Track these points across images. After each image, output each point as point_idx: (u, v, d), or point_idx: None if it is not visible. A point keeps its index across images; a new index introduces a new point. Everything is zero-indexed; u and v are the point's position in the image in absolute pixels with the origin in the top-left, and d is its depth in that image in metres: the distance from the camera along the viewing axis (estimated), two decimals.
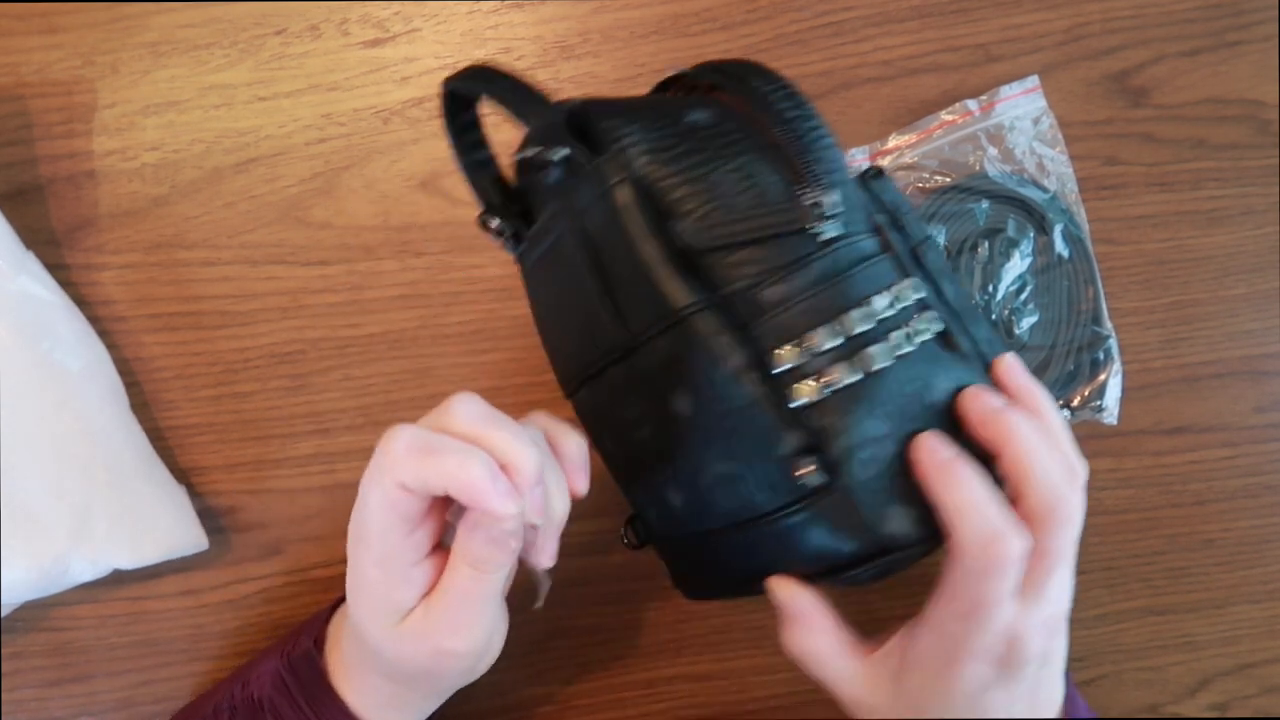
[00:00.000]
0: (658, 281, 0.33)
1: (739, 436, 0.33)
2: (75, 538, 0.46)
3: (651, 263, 0.33)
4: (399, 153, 0.51)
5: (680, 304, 0.33)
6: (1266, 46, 0.52)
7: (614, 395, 0.38)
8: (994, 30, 0.52)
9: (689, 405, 0.34)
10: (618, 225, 0.34)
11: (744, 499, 0.34)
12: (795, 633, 0.36)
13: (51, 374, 0.46)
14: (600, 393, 0.38)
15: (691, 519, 0.37)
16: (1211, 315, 0.51)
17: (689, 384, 0.34)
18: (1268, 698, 0.51)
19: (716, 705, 0.50)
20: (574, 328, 0.39)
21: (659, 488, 0.37)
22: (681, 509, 0.37)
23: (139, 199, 0.51)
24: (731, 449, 0.34)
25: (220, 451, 0.51)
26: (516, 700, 0.50)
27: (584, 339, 0.38)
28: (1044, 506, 0.32)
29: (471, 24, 0.52)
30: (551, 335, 0.42)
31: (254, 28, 0.52)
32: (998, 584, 0.32)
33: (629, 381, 0.36)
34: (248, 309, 0.51)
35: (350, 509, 0.35)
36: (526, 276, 0.42)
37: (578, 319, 0.38)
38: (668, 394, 0.34)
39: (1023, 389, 0.35)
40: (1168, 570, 0.51)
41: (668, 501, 0.37)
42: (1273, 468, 0.51)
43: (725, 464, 0.34)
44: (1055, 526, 0.32)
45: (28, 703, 0.50)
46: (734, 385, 0.33)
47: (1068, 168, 0.50)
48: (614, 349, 0.36)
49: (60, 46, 0.51)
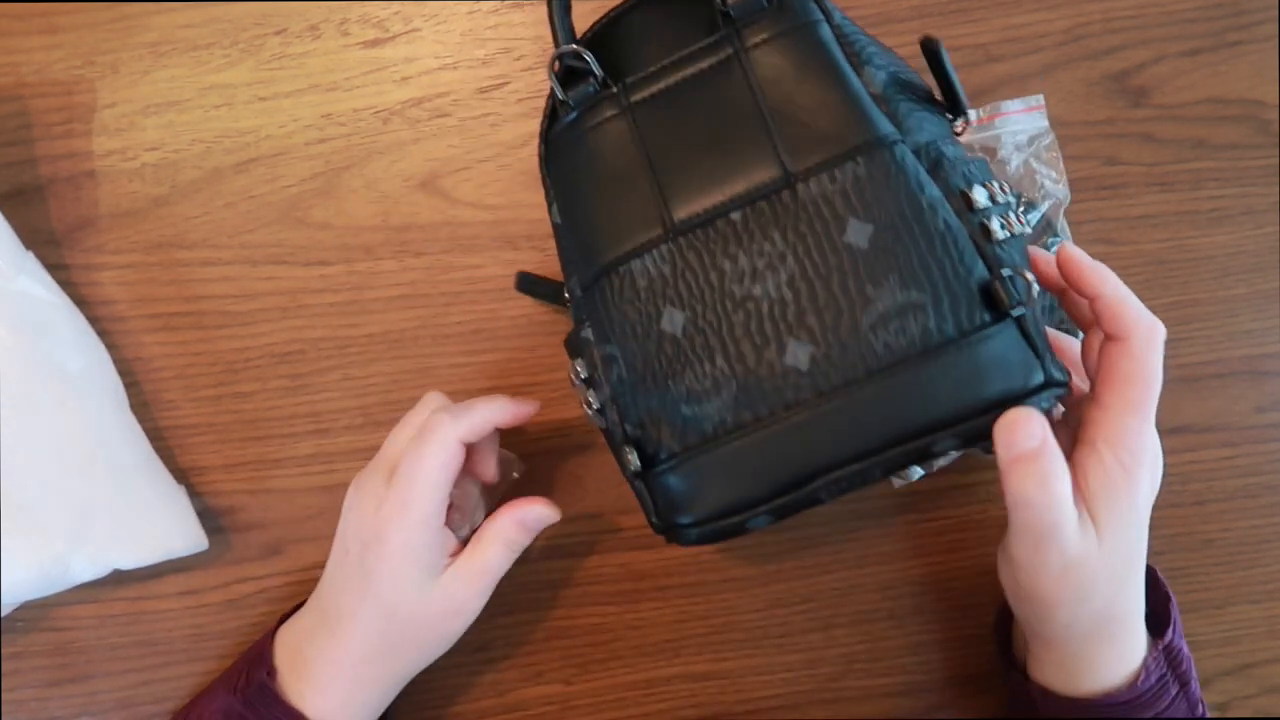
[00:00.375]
0: (863, 110, 0.37)
1: (931, 263, 0.35)
2: (75, 538, 0.46)
3: (858, 95, 0.37)
4: (399, 153, 0.51)
5: (885, 132, 0.36)
6: (1266, 46, 0.52)
7: (728, 244, 0.37)
8: (994, 30, 0.52)
9: (866, 236, 0.35)
10: (819, 59, 0.37)
11: (924, 328, 0.35)
12: (1041, 465, 0.34)
13: (51, 374, 0.46)
14: (695, 247, 0.38)
15: (822, 374, 0.36)
16: (1211, 315, 0.51)
17: (873, 213, 0.36)
18: (1268, 698, 0.51)
19: (715, 705, 0.50)
20: (688, 169, 0.39)
21: (774, 340, 0.36)
22: (811, 361, 0.36)
23: (139, 199, 0.51)
24: (918, 277, 0.35)
25: (220, 451, 0.51)
26: (516, 700, 0.50)
27: (701, 181, 0.38)
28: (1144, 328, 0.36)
29: (471, 24, 0.52)
30: (617, 192, 0.40)
31: (254, 28, 0.52)
32: (1160, 360, 0.36)
33: (761, 225, 0.37)
34: (248, 309, 0.51)
35: None
36: (593, 131, 0.40)
37: (701, 159, 0.38)
38: (834, 227, 0.36)
39: (1085, 266, 0.38)
40: (1168, 570, 0.50)
41: (781, 360, 0.36)
42: (1273, 468, 0.51)
43: (908, 293, 0.35)
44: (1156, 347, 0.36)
45: (28, 703, 0.50)
46: (936, 212, 0.35)
47: (1064, 189, 0.50)
48: (758, 188, 0.37)
49: (60, 46, 0.51)
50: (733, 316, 0.37)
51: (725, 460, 0.37)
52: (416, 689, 0.50)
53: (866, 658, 0.50)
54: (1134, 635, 0.39)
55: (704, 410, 0.37)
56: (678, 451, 0.38)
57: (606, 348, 0.39)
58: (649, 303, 0.38)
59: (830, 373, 0.36)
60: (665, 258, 0.38)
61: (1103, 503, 0.35)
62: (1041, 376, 0.35)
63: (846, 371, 0.36)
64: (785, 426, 0.36)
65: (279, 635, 0.44)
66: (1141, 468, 0.36)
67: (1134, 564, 0.38)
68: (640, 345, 0.38)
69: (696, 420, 0.37)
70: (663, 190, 0.39)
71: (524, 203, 0.51)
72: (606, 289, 0.39)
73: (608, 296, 0.39)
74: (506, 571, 0.43)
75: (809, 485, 0.36)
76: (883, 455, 0.35)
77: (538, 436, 0.51)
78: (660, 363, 0.38)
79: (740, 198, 0.38)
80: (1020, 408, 0.34)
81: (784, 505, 0.37)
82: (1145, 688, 0.38)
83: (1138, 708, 0.38)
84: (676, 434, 0.38)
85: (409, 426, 0.43)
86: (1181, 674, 0.39)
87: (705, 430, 0.37)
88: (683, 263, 0.38)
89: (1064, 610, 0.37)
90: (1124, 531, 0.36)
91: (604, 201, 0.40)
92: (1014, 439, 0.33)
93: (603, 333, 0.39)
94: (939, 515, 0.50)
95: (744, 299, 0.37)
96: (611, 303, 0.39)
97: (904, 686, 0.50)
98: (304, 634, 0.43)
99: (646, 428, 0.38)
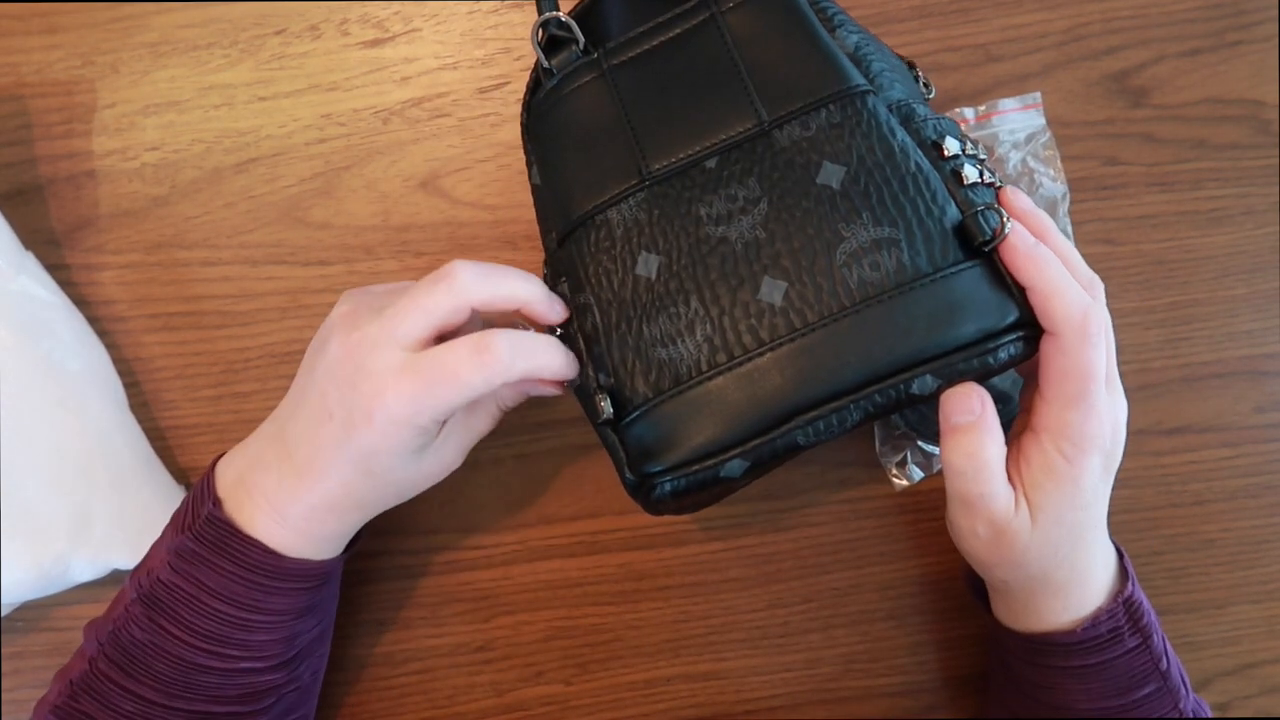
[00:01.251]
0: (837, 64, 0.39)
1: (904, 202, 0.36)
2: (75, 537, 0.46)
3: (832, 50, 0.39)
4: (399, 153, 0.51)
5: (857, 82, 0.38)
6: (1266, 46, 0.52)
7: (703, 190, 0.38)
8: (994, 30, 0.52)
9: (839, 178, 0.37)
10: (793, 18, 0.39)
11: (898, 263, 0.35)
12: (972, 439, 0.36)
13: (51, 374, 0.46)
14: (670, 195, 0.39)
15: (797, 310, 0.36)
16: (1211, 315, 0.51)
17: (846, 157, 0.37)
18: (1268, 698, 0.51)
19: (715, 705, 0.50)
20: (665, 123, 0.40)
21: (748, 280, 0.37)
22: (785, 298, 0.36)
23: (139, 199, 0.51)
24: (890, 215, 0.36)
25: (220, 451, 0.50)
26: (516, 700, 0.50)
27: (678, 133, 0.39)
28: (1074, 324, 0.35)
29: (471, 24, 0.52)
30: (595, 148, 0.41)
31: (254, 28, 0.52)
32: (1097, 352, 0.35)
33: (736, 171, 0.38)
34: (248, 309, 0.51)
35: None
36: (573, 93, 0.41)
37: (678, 114, 0.39)
38: (808, 171, 0.37)
39: (1026, 212, 0.38)
40: (1168, 570, 0.51)
41: (755, 297, 0.37)
42: (1273, 468, 0.51)
43: (880, 229, 0.36)
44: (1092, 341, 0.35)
45: (28, 703, 0.49)
46: (908, 155, 0.37)
47: (1063, 185, 0.50)
48: (733, 137, 0.38)
49: (60, 46, 0.51)
50: (708, 259, 0.38)
51: (698, 402, 0.37)
52: (417, 690, 0.50)
53: (866, 658, 0.50)
54: (1084, 591, 0.40)
55: (678, 352, 0.37)
56: (650, 397, 0.37)
57: (580, 296, 0.39)
58: (624, 249, 0.39)
59: (805, 309, 0.36)
60: (641, 205, 0.39)
61: (1042, 489, 0.36)
62: (1016, 314, 0.35)
63: (821, 307, 0.36)
64: (759, 365, 0.36)
65: (219, 467, 0.41)
66: (1086, 455, 0.36)
67: (1081, 538, 0.39)
68: (615, 292, 0.39)
69: (671, 363, 0.37)
70: (640, 143, 0.40)
71: (524, 203, 0.51)
72: (583, 239, 0.40)
73: (584, 246, 0.40)
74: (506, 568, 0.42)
75: (784, 426, 0.36)
76: (860, 393, 0.36)
77: (538, 436, 0.51)
78: (635, 308, 0.38)
79: (716, 146, 0.39)
80: (967, 384, 0.36)
81: (760, 449, 0.36)
82: (1091, 635, 0.39)
83: (1082, 652, 0.39)
84: (649, 379, 0.37)
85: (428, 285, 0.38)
86: (1143, 627, 0.40)
87: (679, 372, 0.37)
88: (658, 209, 0.39)
89: (999, 570, 0.39)
90: (1065, 514, 0.37)
91: (582, 157, 0.41)
92: (952, 411, 0.36)
93: (578, 282, 0.40)
94: (939, 515, 0.50)
95: (719, 241, 0.38)
96: (587, 252, 0.39)
97: (903, 686, 0.50)
98: (256, 463, 0.40)
99: (620, 375, 0.38)
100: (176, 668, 0.39)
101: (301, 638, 0.42)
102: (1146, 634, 0.40)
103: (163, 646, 0.39)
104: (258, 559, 0.39)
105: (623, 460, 0.38)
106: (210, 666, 0.39)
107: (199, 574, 0.39)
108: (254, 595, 0.39)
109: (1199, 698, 0.42)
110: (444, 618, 0.50)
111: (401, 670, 0.50)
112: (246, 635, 0.40)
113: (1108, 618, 0.39)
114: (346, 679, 0.50)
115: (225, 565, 0.39)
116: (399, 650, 0.50)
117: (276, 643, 0.41)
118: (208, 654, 0.39)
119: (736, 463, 0.36)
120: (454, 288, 0.37)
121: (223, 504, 0.40)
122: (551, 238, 0.42)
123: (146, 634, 0.39)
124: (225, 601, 0.39)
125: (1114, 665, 0.39)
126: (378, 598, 0.50)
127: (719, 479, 0.37)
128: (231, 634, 0.39)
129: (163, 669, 0.39)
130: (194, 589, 0.39)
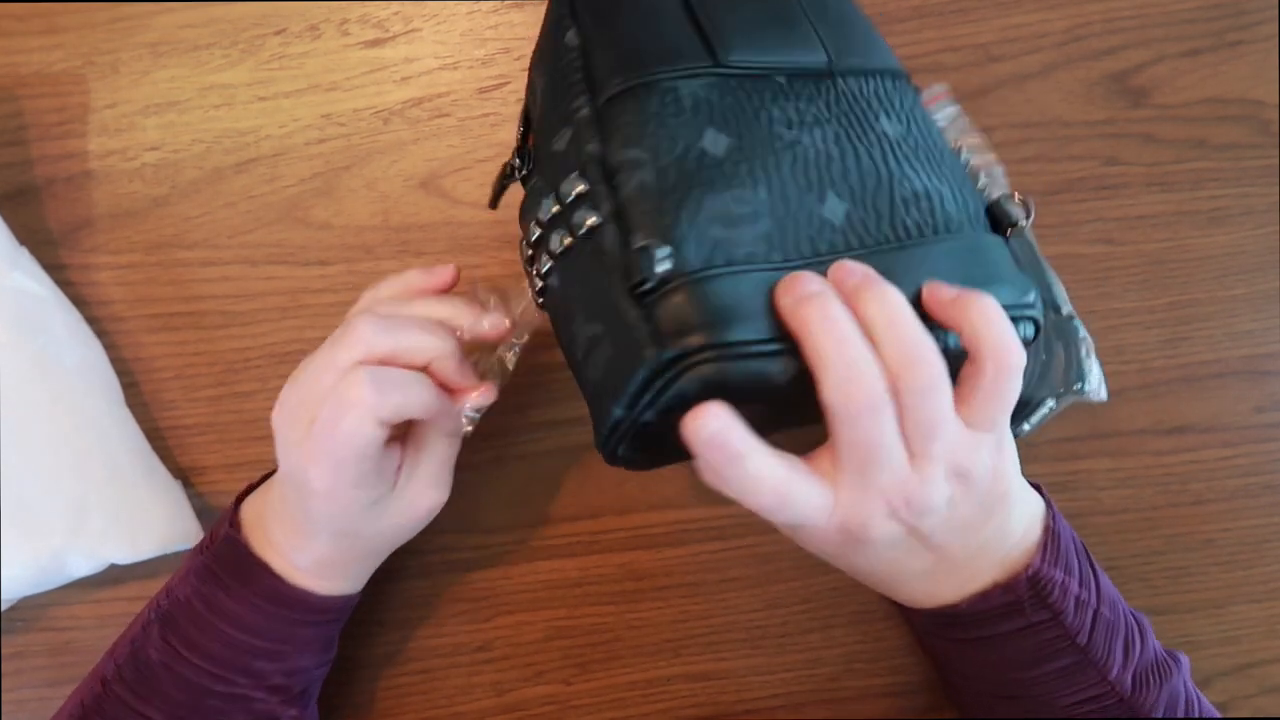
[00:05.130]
0: (882, 43, 0.42)
1: (947, 170, 0.39)
2: (71, 532, 0.46)
3: (874, 29, 0.42)
4: (399, 153, 0.51)
5: (903, 70, 0.42)
6: (1266, 46, 0.52)
7: (776, 95, 0.38)
8: (994, 30, 0.52)
9: (897, 132, 0.39)
10: None
11: (946, 215, 0.37)
12: (742, 466, 0.31)
13: (46, 370, 0.46)
14: (741, 90, 0.38)
15: (855, 233, 0.36)
16: (1211, 315, 0.51)
17: (902, 118, 0.39)
18: (1268, 698, 0.51)
19: (715, 705, 0.50)
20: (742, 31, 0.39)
21: (816, 187, 0.36)
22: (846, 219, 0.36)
23: (139, 199, 0.51)
24: (941, 172, 0.38)
25: (220, 451, 0.51)
26: (516, 700, 0.50)
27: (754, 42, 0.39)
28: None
29: (471, 24, 0.52)
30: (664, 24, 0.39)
31: (254, 28, 0.52)
32: (866, 434, 0.31)
33: (806, 93, 0.39)
34: (248, 309, 0.51)
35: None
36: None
37: (754, 29, 0.40)
38: (870, 115, 0.39)
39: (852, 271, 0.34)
40: (1167, 570, 0.51)
41: (820, 208, 0.36)
42: (1273, 468, 0.51)
43: (932, 180, 0.38)
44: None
45: (28, 703, 0.49)
46: (946, 140, 0.41)
47: (993, 158, 0.45)
48: (805, 67, 0.39)
49: (60, 46, 0.51)
50: (780, 155, 0.36)
51: (746, 290, 0.33)
52: (417, 690, 0.50)
53: (866, 658, 0.50)
54: (973, 573, 0.37)
55: (738, 235, 0.34)
56: (698, 268, 0.33)
57: (631, 152, 0.36)
58: (693, 121, 0.36)
59: (863, 234, 0.36)
60: (712, 86, 0.37)
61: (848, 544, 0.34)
62: (1034, 294, 0.36)
63: (877, 235, 0.36)
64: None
65: (243, 507, 0.43)
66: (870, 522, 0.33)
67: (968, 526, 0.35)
68: (678, 157, 0.35)
69: (726, 243, 0.34)
70: (710, 39, 0.38)
71: None
72: (646, 99, 0.37)
73: (648, 105, 0.36)
74: (506, 569, 0.43)
75: None
76: None
77: (537, 436, 0.51)
78: (698, 180, 0.35)
79: (788, 67, 0.39)
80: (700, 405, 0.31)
81: (794, 351, 0.32)
82: (980, 608, 0.37)
83: (973, 625, 0.38)
84: (701, 252, 0.34)
85: (333, 366, 0.37)
86: (1051, 604, 0.37)
87: (734, 255, 0.34)
88: (730, 96, 0.37)
89: (840, 563, 0.37)
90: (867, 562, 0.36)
91: (650, 26, 0.39)
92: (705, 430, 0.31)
93: (628, 139, 0.36)
94: None
95: (792, 142, 0.37)
96: (650, 112, 0.36)
97: (904, 686, 0.50)
98: (269, 510, 0.41)
99: (668, 236, 0.34)
100: (185, 692, 0.40)
101: (310, 673, 0.43)
102: (1056, 610, 0.37)
103: (173, 668, 0.40)
104: (270, 583, 0.40)
105: (645, 335, 0.33)
106: (218, 692, 0.40)
107: (212, 593, 0.40)
108: (272, 625, 0.40)
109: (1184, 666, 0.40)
110: (444, 618, 0.50)
111: (401, 670, 0.50)
112: (254, 662, 0.40)
113: (1001, 593, 0.37)
114: (346, 679, 0.50)
115: (239, 587, 0.40)
116: (399, 650, 0.50)
117: (284, 673, 0.41)
118: (214, 678, 0.40)
119: (785, 361, 0.33)
120: (353, 344, 0.37)
121: (243, 529, 0.41)
122: (585, 100, 0.38)
123: (159, 654, 0.40)
124: (235, 625, 0.40)
125: (1016, 638, 0.37)
126: (378, 598, 0.50)
127: (765, 375, 0.33)
128: (239, 659, 0.40)
129: (172, 692, 0.40)
130: (206, 609, 0.40)
